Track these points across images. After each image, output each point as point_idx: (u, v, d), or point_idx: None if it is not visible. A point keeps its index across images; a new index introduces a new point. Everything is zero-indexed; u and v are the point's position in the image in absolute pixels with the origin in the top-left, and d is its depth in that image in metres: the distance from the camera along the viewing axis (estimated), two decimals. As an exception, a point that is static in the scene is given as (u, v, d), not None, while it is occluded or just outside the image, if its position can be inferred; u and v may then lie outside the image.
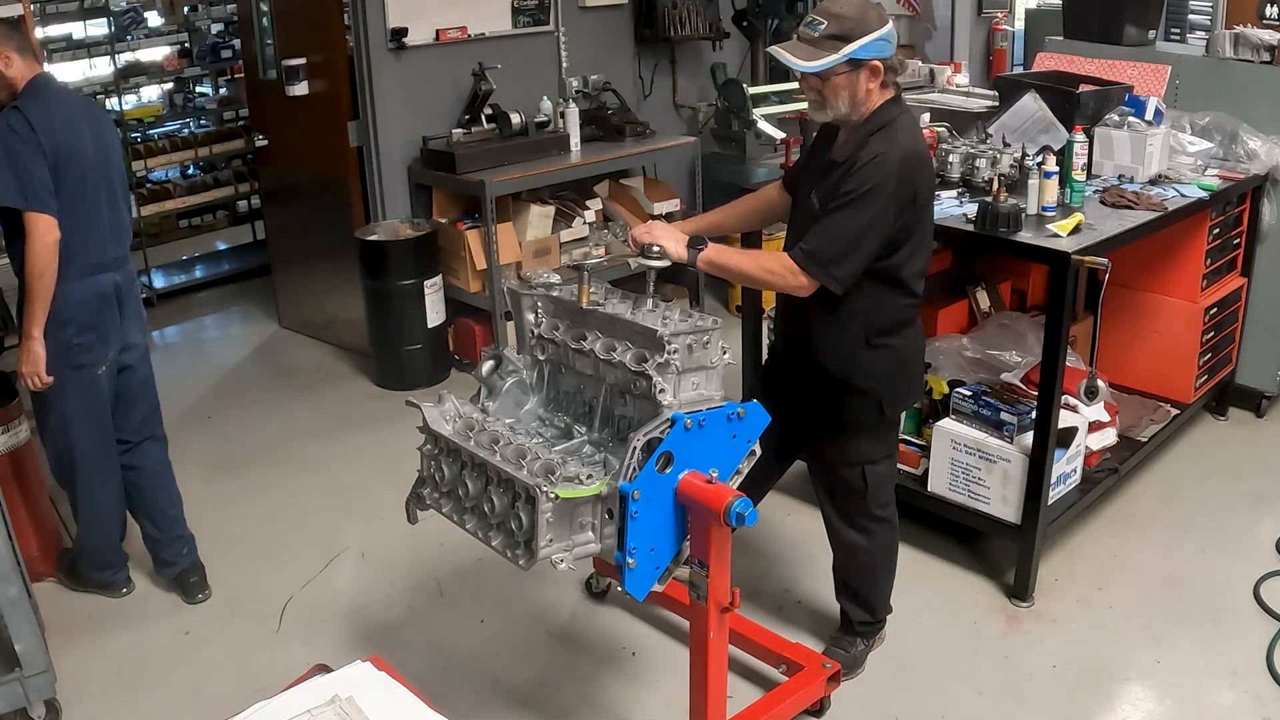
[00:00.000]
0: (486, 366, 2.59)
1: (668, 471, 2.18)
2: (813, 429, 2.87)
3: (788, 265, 2.51)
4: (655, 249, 2.52)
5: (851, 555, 2.94)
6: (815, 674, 2.85)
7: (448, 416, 2.42)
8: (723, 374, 2.37)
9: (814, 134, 2.70)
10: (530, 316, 2.60)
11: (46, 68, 3.28)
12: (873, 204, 2.45)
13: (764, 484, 3.05)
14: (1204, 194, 3.69)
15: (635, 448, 2.13)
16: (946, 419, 3.47)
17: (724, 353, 2.35)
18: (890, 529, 2.96)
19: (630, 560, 2.17)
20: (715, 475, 2.25)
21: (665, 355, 2.23)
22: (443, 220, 5.07)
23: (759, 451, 2.34)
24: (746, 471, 2.35)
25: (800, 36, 2.43)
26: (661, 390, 2.23)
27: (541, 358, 2.60)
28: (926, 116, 4.14)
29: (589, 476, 2.14)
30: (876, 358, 2.69)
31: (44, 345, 3.03)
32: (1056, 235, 3.18)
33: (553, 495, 2.07)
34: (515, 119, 5.05)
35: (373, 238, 4.89)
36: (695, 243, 2.56)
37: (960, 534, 3.60)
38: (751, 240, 3.57)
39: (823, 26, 2.39)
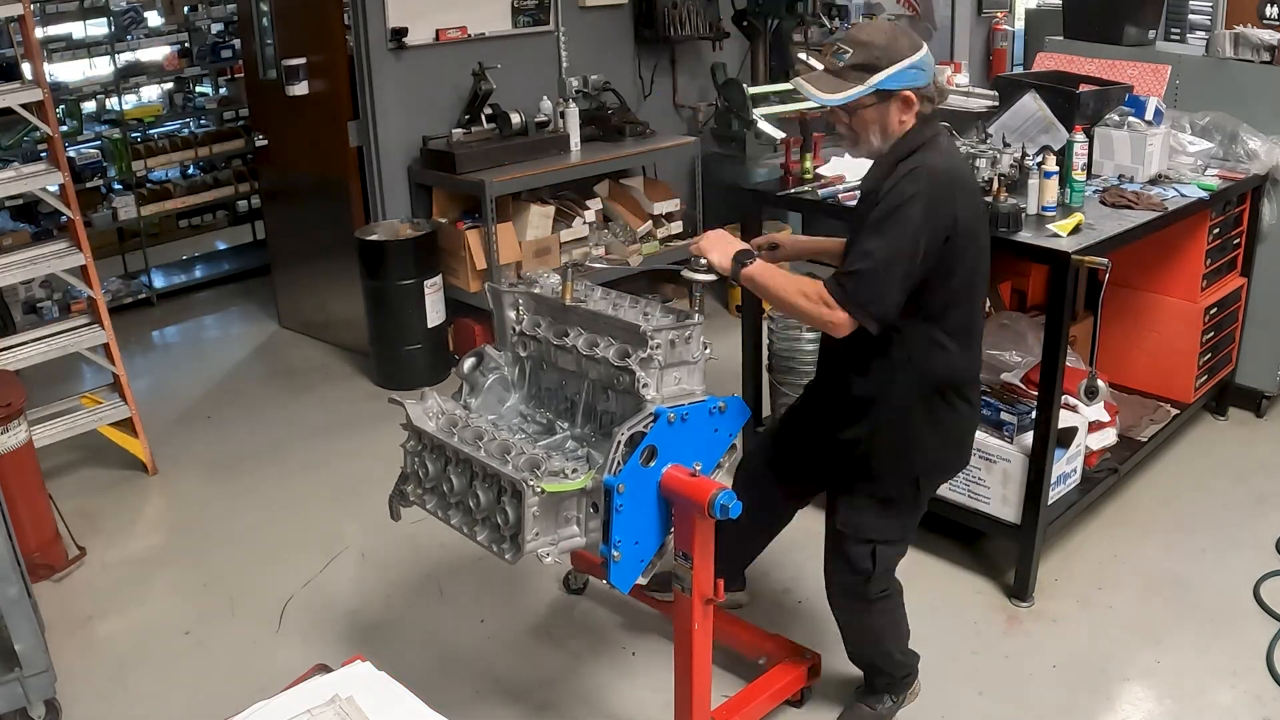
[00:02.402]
0: (468, 364, 2.59)
1: (651, 465, 2.19)
2: (832, 482, 2.57)
3: (822, 294, 2.24)
4: (702, 262, 2.37)
5: (853, 630, 2.73)
6: (795, 665, 2.86)
7: (430, 413, 2.41)
8: (704, 369, 2.37)
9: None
10: (511, 314, 2.60)
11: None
12: (904, 228, 2.17)
13: (775, 525, 2.92)
14: (1204, 194, 3.66)
15: (620, 442, 2.14)
16: (945, 418, 3.46)
17: (705, 348, 2.35)
18: (890, 600, 2.66)
19: (615, 553, 2.18)
20: (699, 469, 2.25)
21: (648, 350, 2.24)
22: (443, 220, 5.07)
23: (739, 447, 2.34)
24: (727, 465, 2.35)
25: (826, 66, 2.26)
26: (644, 385, 2.24)
27: (523, 354, 2.60)
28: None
29: (574, 470, 2.14)
30: (923, 419, 2.41)
31: None
32: (1056, 235, 3.16)
33: (539, 489, 2.08)
34: (515, 119, 5.05)
35: (373, 237, 4.89)
36: (743, 256, 2.35)
37: (960, 534, 3.58)
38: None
39: (848, 55, 2.21)
